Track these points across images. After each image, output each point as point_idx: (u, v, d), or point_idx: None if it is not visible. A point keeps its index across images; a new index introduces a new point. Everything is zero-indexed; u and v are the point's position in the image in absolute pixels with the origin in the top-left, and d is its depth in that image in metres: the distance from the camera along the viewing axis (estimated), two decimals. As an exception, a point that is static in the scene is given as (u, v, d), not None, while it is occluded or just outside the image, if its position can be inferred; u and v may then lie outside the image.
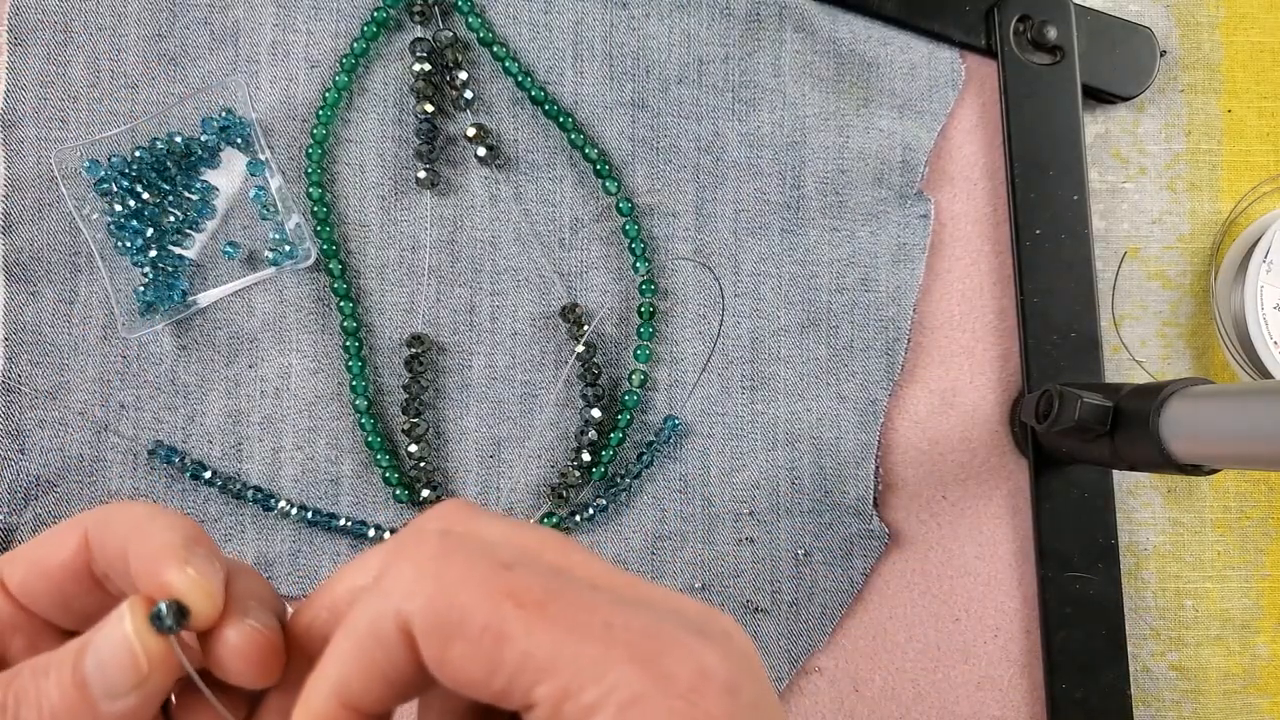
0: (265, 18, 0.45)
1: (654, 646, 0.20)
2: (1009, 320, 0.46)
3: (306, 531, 0.44)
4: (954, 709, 0.45)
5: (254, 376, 0.44)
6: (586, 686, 0.20)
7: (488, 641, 0.20)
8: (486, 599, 0.20)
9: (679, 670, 0.20)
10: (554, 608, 0.20)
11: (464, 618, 0.20)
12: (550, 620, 0.20)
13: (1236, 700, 0.46)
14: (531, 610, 0.20)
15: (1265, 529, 0.47)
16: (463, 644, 0.20)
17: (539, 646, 0.20)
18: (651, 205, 0.46)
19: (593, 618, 0.20)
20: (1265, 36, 0.49)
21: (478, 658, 0.20)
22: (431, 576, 0.20)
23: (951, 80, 0.47)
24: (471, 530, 0.22)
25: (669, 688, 0.20)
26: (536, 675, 0.20)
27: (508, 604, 0.20)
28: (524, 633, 0.20)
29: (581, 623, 0.20)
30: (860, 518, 0.45)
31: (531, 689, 0.20)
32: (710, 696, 0.20)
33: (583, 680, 0.20)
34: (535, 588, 0.20)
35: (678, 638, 0.21)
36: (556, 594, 0.20)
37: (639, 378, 0.45)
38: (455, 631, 0.20)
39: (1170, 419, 0.35)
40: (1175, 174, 0.48)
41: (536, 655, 0.20)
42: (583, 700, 0.20)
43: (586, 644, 0.20)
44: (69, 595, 0.24)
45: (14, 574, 0.24)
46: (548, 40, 0.46)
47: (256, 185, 0.44)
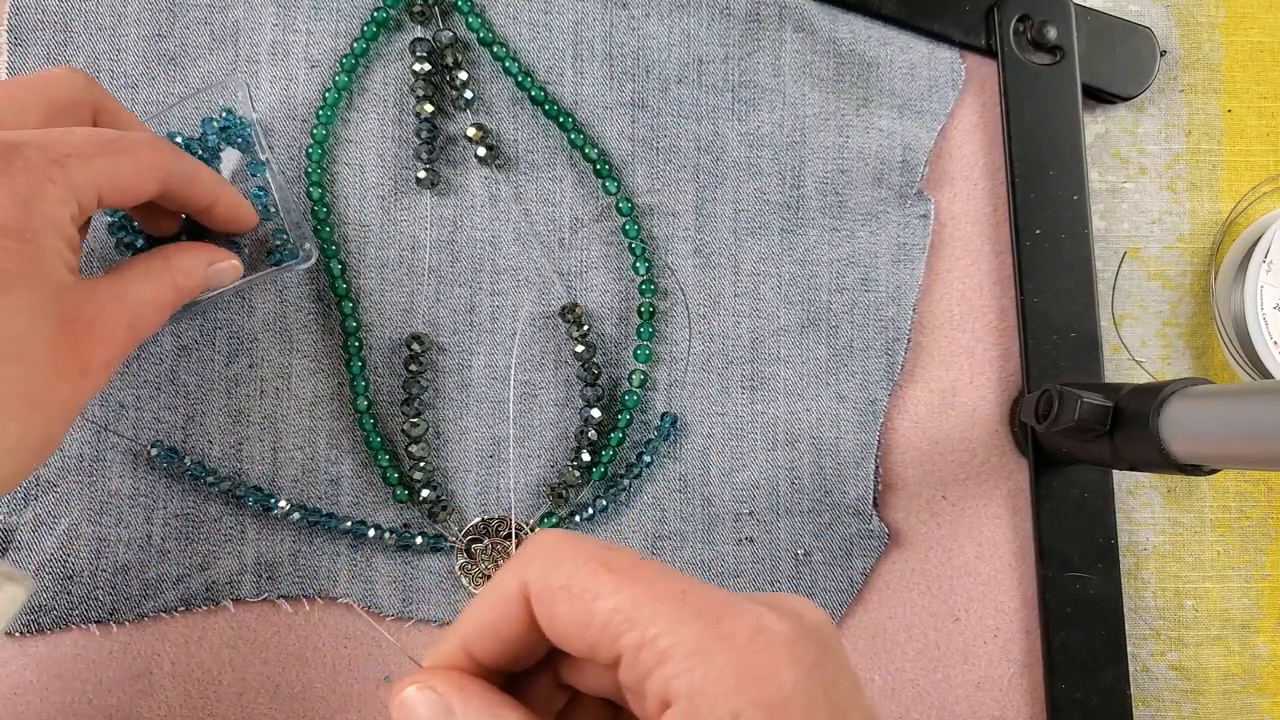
0: (265, 18, 0.45)
1: (720, 610, 0.24)
2: (1009, 320, 0.46)
3: (306, 531, 0.44)
4: (954, 709, 0.45)
5: (254, 376, 0.44)
6: (661, 636, 0.23)
7: (585, 598, 0.24)
8: (586, 566, 0.25)
9: (739, 628, 0.23)
10: (640, 574, 0.24)
11: (569, 580, 0.25)
12: (635, 582, 0.24)
13: (1236, 700, 0.46)
14: (621, 575, 0.24)
15: (1265, 529, 0.47)
16: (566, 602, 0.24)
17: (625, 601, 0.24)
18: (651, 205, 0.46)
19: (671, 586, 0.24)
20: (1265, 36, 0.49)
21: (577, 613, 0.24)
22: (549, 553, 0.25)
23: (951, 80, 0.47)
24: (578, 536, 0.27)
25: (728, 640, 0.23)
26: (621, 626, 0.24)
27: (601, 569, 0.25)
28: (613, 590, 0.24)
29: (661, 588, 0.24)
30: (860, 518, 0.45)
31: (618, 638, 0.24)
32: (764, 650, 0.23)
33: (658, 630, 0.23)
34: (626, 560, 0.25)
35: (743, 605, 0.24)
36: (643, 566, 0.25)
37: (639, 378, 0.45)
38: (561, 592, 0.25)
39: (1170, 419, 0.35)
40: (1175, 174, 0.48)
41: (622, 609, 0.24)
42: (657, 647, 0.23)
43: (663, 603, 0.24)
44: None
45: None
46: (548, 40, 0.46)
47: (256, 185, 0.44)
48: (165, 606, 0.43)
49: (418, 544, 0.44)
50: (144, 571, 0.43)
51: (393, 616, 0.44)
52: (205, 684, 0.43)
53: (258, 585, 0.43)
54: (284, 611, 0.44)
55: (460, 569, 0.44)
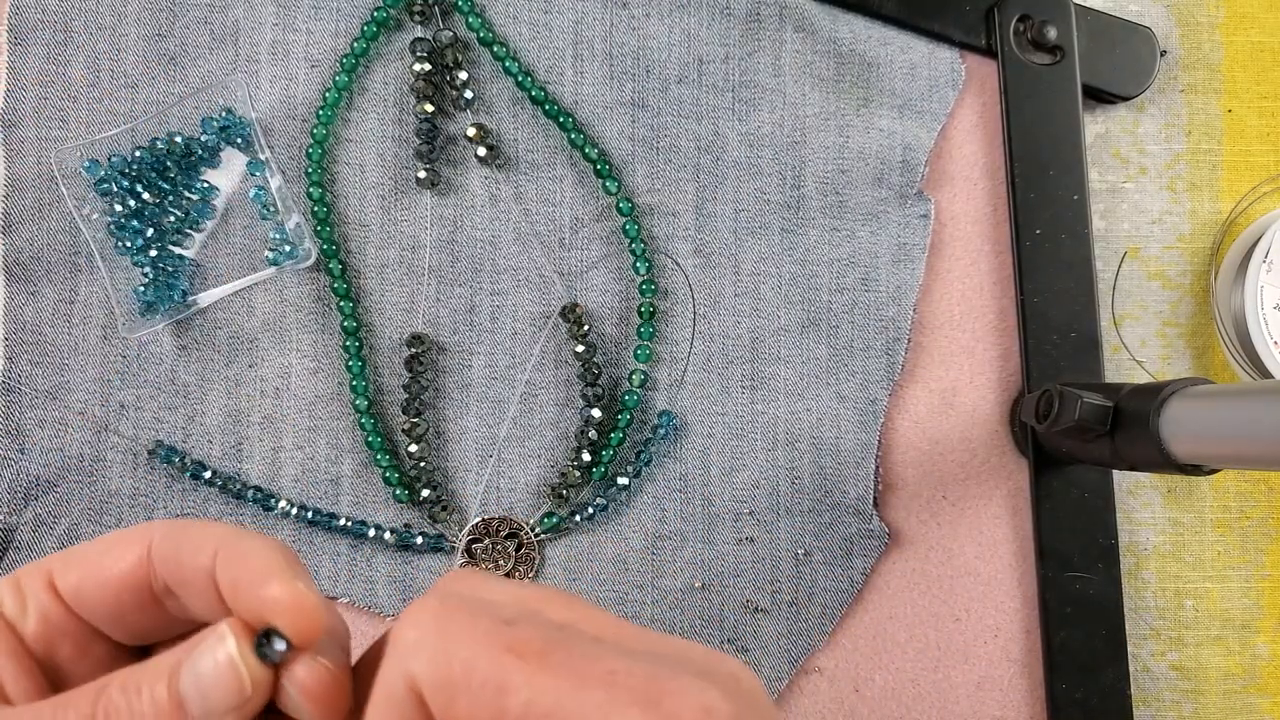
0: (265, 18, 0.45)
1: (658, 690, 0.20)
2: (1009, 320, 0.46)
3: (306, 531, 0.44)
4: (954, 709, 0.45)
5: (254, 376, 0.44)
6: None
7: (490, 694, 0.20)
8: (486, 652, 0.20)
9: (682, 710, 0.20)
10: (555, 657, 0.20)
11: (466, 672, 0.20)
12: (552, 670, 0.20)
13: (1236, 700, 0.46)
14: (532, 661, 0.20)
15: (1265, 529, 0.47)
16: (467, 698, 0.20)
17: (542, 695, 0.20)
18: (651, 205, 0.46)
19: (595, 666, 0.20)
20: (1265, 36, 0.49)
21: (482, 710, 0.20)
22: (433, 634, 0.21)
23: (951, 80, 0.47)
24: (473, 592, 0.23)
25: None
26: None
27: (508, 656, 0.20)
28: (525, 683, 0.20)
29: (584, 671, 0.20)
30: (860, 518, 0.45)
31: None
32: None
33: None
34: (536, 640, 0.21)
35: (681, 681, 0.21)
36: (558, 645, 0.21)
37: (639, 378, 0.45)
38: (459, 686, 0.20)
39: (1170, 419, 0.35)
40: (1175, 174, 0.48)
41: (540, 703, 0.20)
42: None
43: (589, 690, 0.20)
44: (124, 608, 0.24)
45: (68, 577, 0.24)
46: (548, 40, 0.46)
47: (256, 185, 0.44)
48: (165, 606, 0.43)
49: (418, 544, 0.44)
50: (144, 571, 0.43)
51: (393, 616, 0.44)
52: (205, 684, 0.43)
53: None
54: (284, 611, 0.44)
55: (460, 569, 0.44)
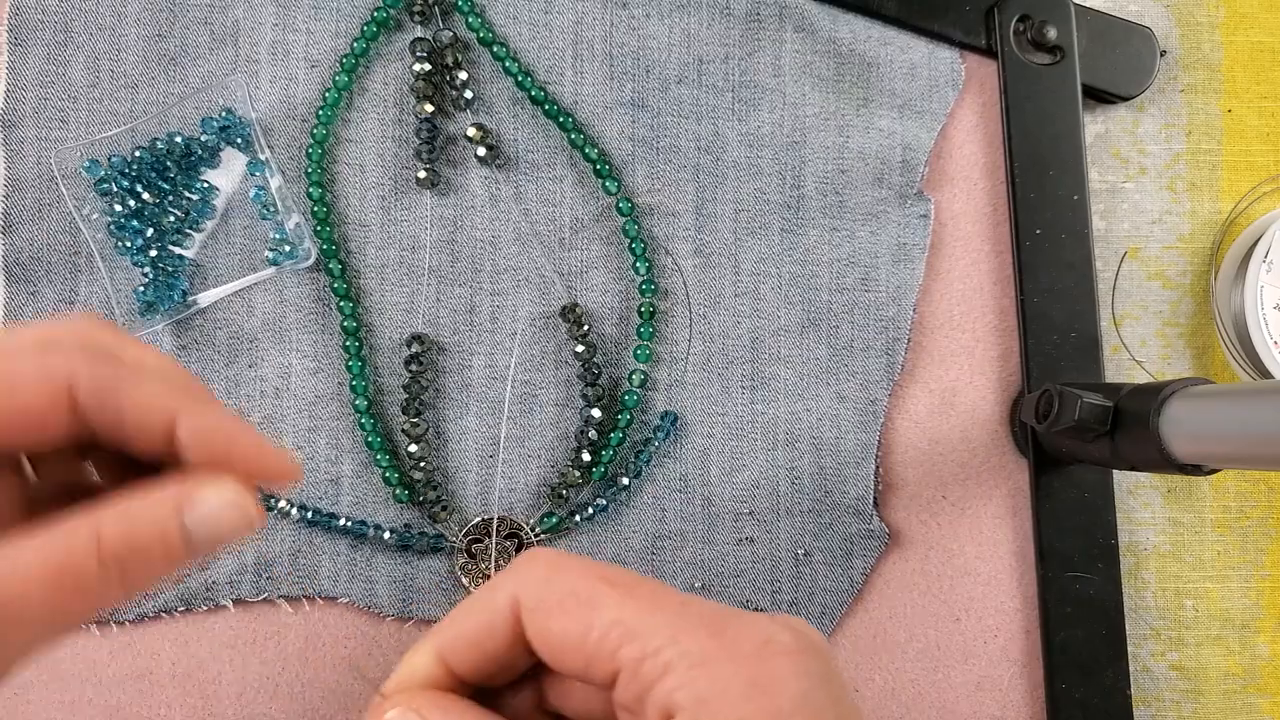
0: (265, 18, 0.45)
1: (724, 621, 0.24)
2: (1009, 320, 0.46)
3: (306, 531, 0.44)
4: (954, 709, 0.45)
5: (254, 376, 0.44)
6: (663, 647, 0.23)
7: (584, 610, 0.24)
8: (584, 579, 0.25)
9: (746, 638, 0.23)
10: (640, 589, 0.24)
11: (566, 593, 0.24)
12: (636, 597, 0.24)
13: (1236, 700, 0.46)
14: (621, 589, 0.24)
15: (1265, 529, 0.47)
16: (562, 615, 0.24)
17: (625, 614, 0.24)
18: (651, 205, 0.46)
19: (671, 598, 0.24)
20: (1265, 36, 0.49)
21: (575, 624, 0.24)
22: (544, 566, 0.25)
23: (951, 80, 0.47)
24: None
25: (734, 650, 0.23)
26: (621, 638, 0.23)
27: (601, 583, 0.24)
28: (614, 603, 0.24)
29: (661, 600, 0.24)
30: (860, 518, 0.45)
31: (617, 650, 0.23)
32: (772, 660, 0.23)
33: (660, 642, 0.23)
34: (625, 576, 0.25)
35: (746, 617, 0.24)
36: (642, 582, 0.25)
37: (639, 378, 0.45)
38: (557, 605, 0.24)
39: (1170, 419, 0.35)
40: (1175, 174, 0.48)
41: (623, 620, 0.24)
42: (660, 659, 0.23)
43: (664, 613, 0.24)
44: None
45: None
46: (548, 40, 0.46)
47: (256, 185, 0.44)
48: (165, 606, 0.43)
49: (418, 544, 0.44)
50: (144, 571, 0.43)
51: (393, 616, 0.44)
52: (205, 684, 0.43)
53: (258, 585, 0.43)
54: (284, 611, 0.44)
55: (460, 569, 0.44)
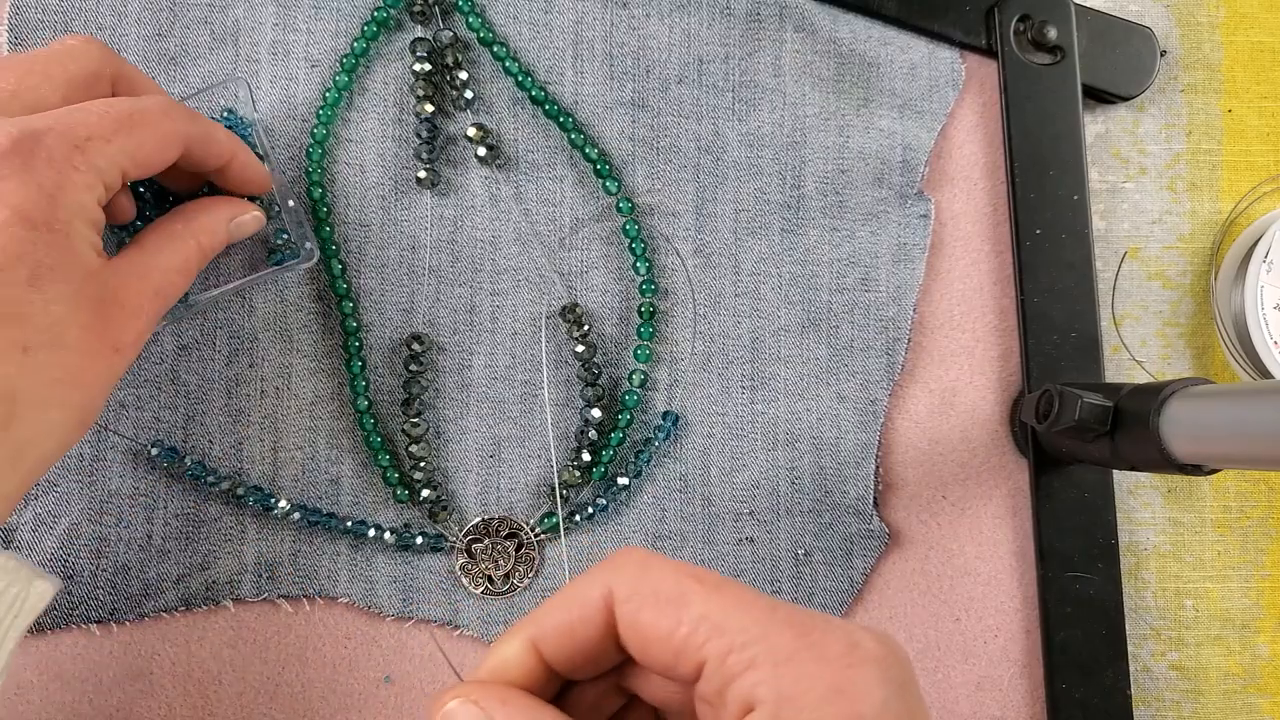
0: (265, 17, 0.45)
1: (811, 624, 0.24)
2: (1009, 320, 0.46)
3: (306, 531, 0.44)
4: (954, 709, 0.45)
5: (254, 376, 0.44)
6: (749, 644, 0.24)
7: (673, 606, 0.25)
8: (675, 576, 0.25)
9: (832, 641, 0.24)
10: (728, 588, 0.25)
11: (657, 588, 0.25)
12: (724, 594, 0.25)
13: (1236, 700, 0.46)
14: (710, 587, 0.25)
15: (1265, 529, 0.47)
16: (653, 608, 0.25)
17: (714, 610, 0.24)
18: (651, 205, 0.46)
19: (759, 599, 0.25)
20: (1265, 36, 0.49)
21: (664, 618, 0.25)
22: (636, 562, 0.26)
23: (951, 80, 0.47)
24: None
25: (820, 652, 0.23)
26: (709, 633, 0.24)
27: (690, 580, 0.25)
28: (702, 599, 0.25)
29: (749, 599, 0.25)
30: (860, 518, 0.45)
31: (704, 645, 0.24)
32: (857, 666, 0.23)
33: (746, 638, 0.24)
34: (713, 576, 0.26)
35: (834, 621, 0.25)
36: (731, 582, 0.25)
37: (639, 378, 0.45)
38: (649, 599, 0.25)
39: (1170, 419, 0.35)
40: (1175, 174, 0.48)
41: (711, 617, 0.24)
42: (745, 655, 0.24)
43: (752, 612, 0.24)
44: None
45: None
46: (548, 40, 0.46)
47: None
48: (165, 606, 0.43)
49: (418, 544, 0.44)
50: (144, 571, 0.43)
51: (393, 616, 0.44)
52: (205, 684, 0.43)
53: (258, 585, 0.43)
54: (284, 611, 0.44)
55: (460, 569, 0.44)
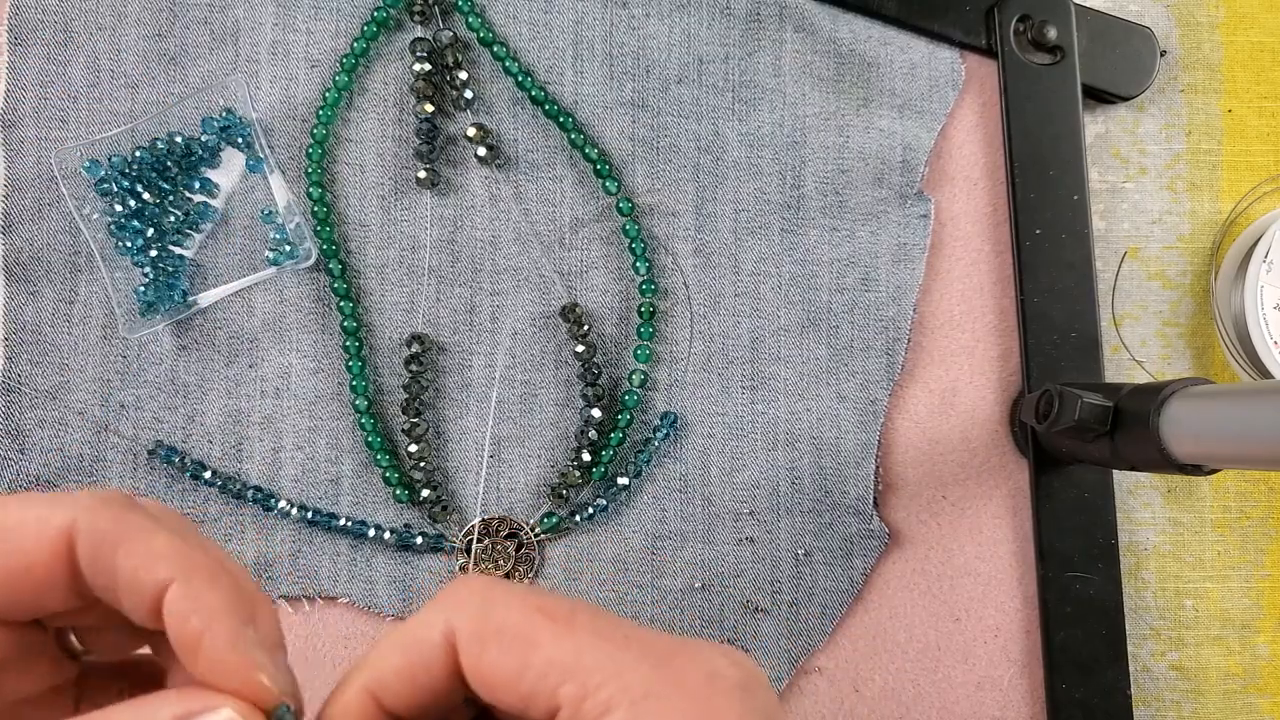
0: (265, 17, 0.45)
1: (669, 653, 0.22)
2: (1009, 320, 0.46)
3: (306, 531, 0.44)
4: (954, 709, 0.45)
5: (254, 376, 0.44)
6: (604, 684, 0.22)
7: (520, 646, 0.22)
8: (520, 611, 0.23)
9: (691, 671, 0.22)
10: (579, 620, 0.23)
11: (501, 627, 0.23)
12: (575, 629, 0.23)
13: (1236, 700, 0.46)
14: (560, 622, 0.23)
15: (1265, 529, 0.47)
16: (498, 649, 0.23)
17: (564, 650, 0.22)
18: (651, 205, 0.46)
19: (612, 630, 0.23)
20: (1265, 36, 0.49)
21: (510, 660, 0.22)
22: (479, 595, 0.23)
23: (951, 80, 0.47)
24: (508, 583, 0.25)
25: (679, 684, 0.22)
26: (560, 676, 0.22)
27: (539, 616, 0.23)
28: (551, 639, 0.22)
29: (603, 632, 0.23)
30: (860, 518, 0.45)
31: (556, 689, 0.22)
32: (721, 694, 0.22)
33: (601, 678, 0.22)
34: (564, 606, 0.23)
35: (690, 648, 0.23)
36: (581, 612, 0.23)
37: (639, 378, 0.45)
38: (493, 638, 0.23)
39: (1170, 419, 0.35)
40: (1175, 174, 0.48)
41: (561, 658, 0.22)
42: (600, 697, 0.22)
43: (605, 647, 0.22)
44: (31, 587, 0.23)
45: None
46: (548, 40, 0.46)
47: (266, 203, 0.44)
48: (165, 606, 0.43)
49: (418, 544, 0.44)
50: (144, 571, 0.43)
51: (393, 616, 0.44)
52: (205, 684, 0.43)
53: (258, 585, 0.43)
54: (284, 611, 0.44)
55: (460, 569, 0.44)
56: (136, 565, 0.22)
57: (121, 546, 0.22)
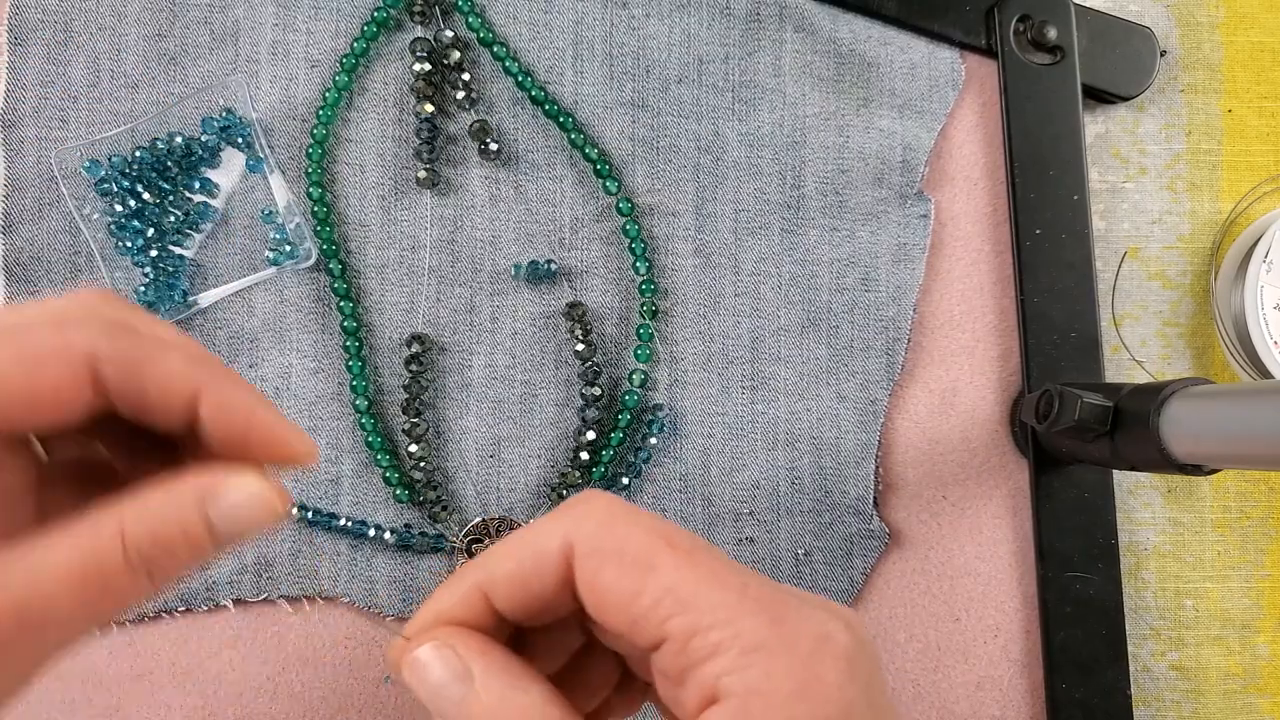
0: (265, 17, 0.45)
1: (783, 609, 0.22)
2: (1009, 320, 0.46)
3: (306, 531, 0.44)
4: (954, 709, 0.45)
5: (254, 376, 0.44)
6: (716, 627, 0.22)
7: (639, 569, 0.22)
8: (645, 535, 0.23)
9: (803, 630, 0.22)
10: (701, 557, 0.23)
11: (623, 547, 0.23)
12: (695, 565, 0.22)
13: (1236, 700, 0.46)
14: (681, 553, 0.23)
15: (1265, 529, 0.47)
16: (616, 569, 0.23)
17: (682, 583, 0.22)
18: (651, 205, 0.46)
19: (732, 575, 0.23)
20: (1265, 36, 0.49)
21: (627, 582, 0.22)
22: (603, 512, 0.23)
23: (951, 80, 0.47)
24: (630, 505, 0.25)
25: (791, 644, 0.22)
26: (673, 608, 0.22)
27: (661, 542, 0.23)
28: (672, 567, 0.22)
29: (721, 575, 0.23)
30: (860, 518, 0.45)
31: (666, 620, 0.22)
32: (827, 661, 0.22)
33: (714, 620, 0.22)
34: (687, 540, 0.23)
35: (804, 608, 0.23)
36: (704, 550, 0.23)
37: (639, 378, 0.45)
38: (612, 555, 0.23)
39: (1170, 419, 0.35)
40: (1175, 174, 0.48)
41: (678, 590, 0.22)
42: (710, 638, 0.22)
43: (723, 591, 0.22)
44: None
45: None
46: (548, 40, 0.46)
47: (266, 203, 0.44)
48: (165, 606, 0.43)
49: (418, 544, 0.44)
50: (144, 571, 0.43)
51: (393, 616, 0.44)
52: (205, 684, 0.43)
53: (258, 585, 0.43)
54: (284, 611, 0.44)
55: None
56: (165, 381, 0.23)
57: (146, 366, 0.23)
